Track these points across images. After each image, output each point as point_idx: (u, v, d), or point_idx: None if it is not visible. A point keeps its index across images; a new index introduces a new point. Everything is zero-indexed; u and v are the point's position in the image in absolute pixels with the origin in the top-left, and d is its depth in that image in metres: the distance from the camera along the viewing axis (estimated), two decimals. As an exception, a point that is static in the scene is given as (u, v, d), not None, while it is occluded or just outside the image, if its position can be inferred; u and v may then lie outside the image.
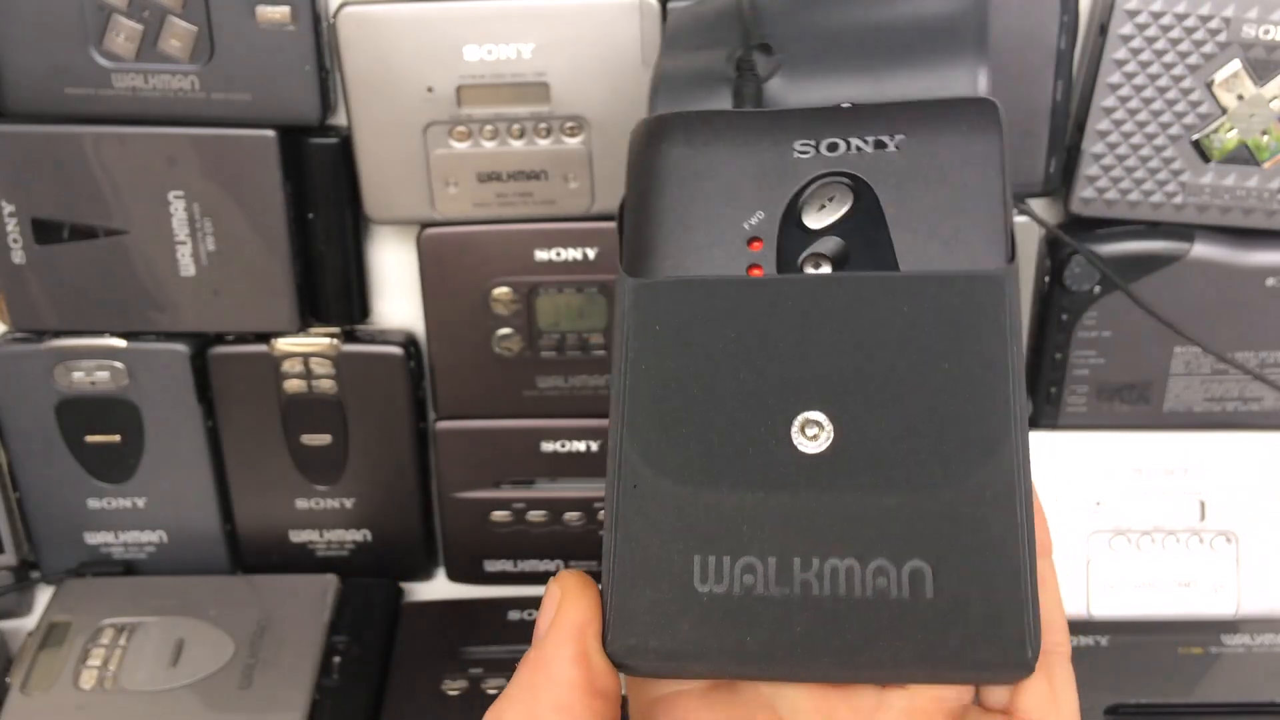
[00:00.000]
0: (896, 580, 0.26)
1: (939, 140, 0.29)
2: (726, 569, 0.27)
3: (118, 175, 0.55)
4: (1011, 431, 0.26)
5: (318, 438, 0.61)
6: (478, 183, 0.55)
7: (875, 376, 0.27)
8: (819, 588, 0.26)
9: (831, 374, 0.28)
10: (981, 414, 0.27)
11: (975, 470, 0.26)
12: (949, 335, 0.27)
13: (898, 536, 0.26)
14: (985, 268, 0.28)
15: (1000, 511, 0.26)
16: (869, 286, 0.28)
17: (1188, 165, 0.54)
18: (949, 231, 0.28)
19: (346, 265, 0.58)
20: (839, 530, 0.26)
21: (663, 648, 0.27)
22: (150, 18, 0.51)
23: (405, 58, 0.52)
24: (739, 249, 0.29)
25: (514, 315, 0.57)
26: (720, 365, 0.28)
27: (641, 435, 0.28)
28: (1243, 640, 0.59)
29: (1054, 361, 0.58)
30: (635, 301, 0.29)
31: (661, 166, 0.31)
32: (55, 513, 0.62)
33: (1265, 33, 0.51)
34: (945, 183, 0.29)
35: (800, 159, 0.30)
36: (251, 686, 0.56)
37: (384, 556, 0.64)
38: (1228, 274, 0.55)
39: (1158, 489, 0.60)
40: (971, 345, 0.27)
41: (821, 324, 0.28)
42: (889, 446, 0.27)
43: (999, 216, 0.28)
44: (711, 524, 0.27)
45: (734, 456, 0.28)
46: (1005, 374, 0.27)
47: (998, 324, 0.27)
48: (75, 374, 0.59)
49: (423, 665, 0.59)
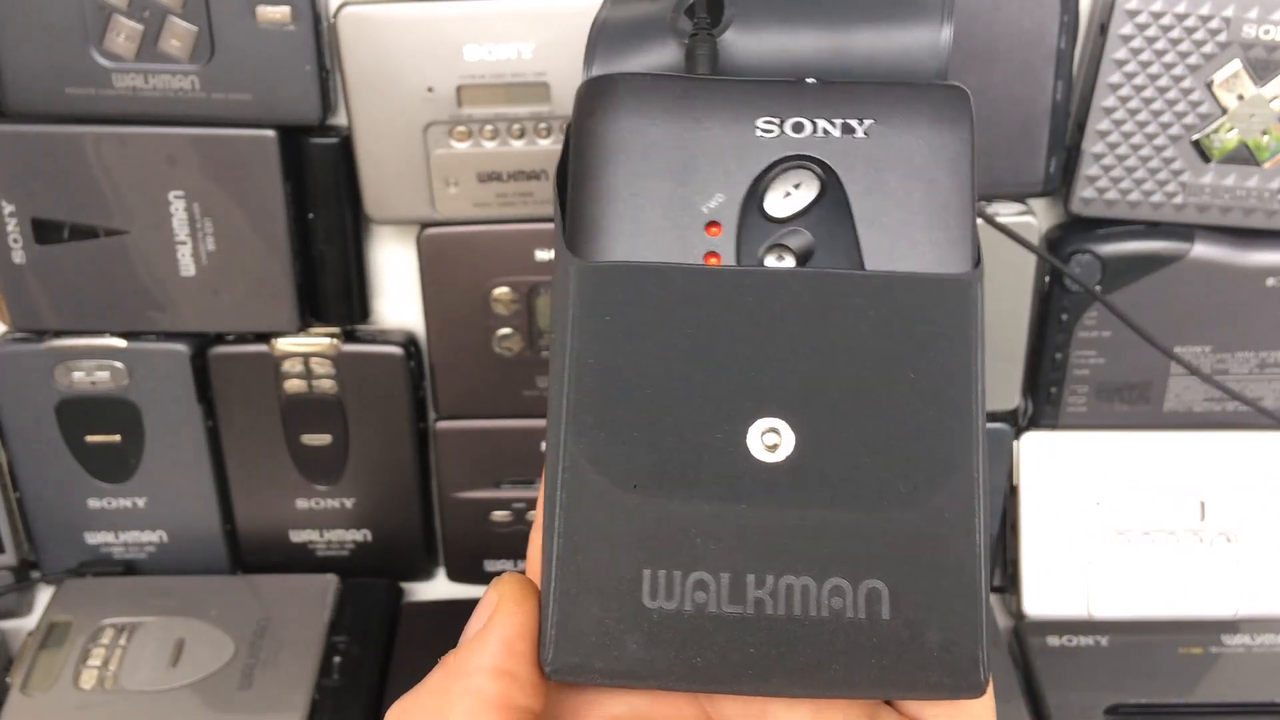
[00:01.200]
0: (853, 600, 0.25)
1: (910, 130, 0.27)
2: (678, 584, 0.25)
3: (118, 175, 0.55)
4: (973, 449, 0.25)
5: (318, 438, 0.61)
6: (478, 183, 0.55)
7: (838, 382, 0.26)
8: (773, 606, 0.25)
9: (792, 377, 0.26)
10: (944, 429, 0.26)
11: (936, 489, 0.25)
12: (915, 341, 0.26)
13: (855, 555, 0.25)
14: (953, 270, 0.26)
15: (959, 532, 0.25)
16: (834, 284, 0.26)
17: (1188, 165, 0.54)
18: (917, 230, 0.27)
19: (346, 265, 0.58)
20: (796, 547, 0.25)
21: (608, 667, 0.25)
22: (150, 18, 0.51)
23: (405, 58, 0.52)
24: (696, 234, 0.27)
25: (514, 315, 0.57)
26: (674, 362, 0.26)
27: (587, 436, 0.26)
28: (1243, 640, 0.59)
29: (1054, 361, 0.58)
30: (581, 286, 0.27)
31: (611, 136, 0.28)
32: (55, 513, 0.62)
33: (1265, 33, 0.51)
34: (915, 177, 0.27)
35: (764, 138, 0.28)
36: (251, 686, 0.56)
37: (384, 556, 0.64)
38: (1228, 274, 0.56)
39: (1158, 489, 0.60)
40: (937, 353, 0.26)
41: (784, 322, 0.26)
42: (849, 459, 0.25)
43: (967, 217, 0.27)
44: (662, 536, 0.25)
45: (687, 463, 0.26)
46: (970, 386, 0.26)
47: (964, 331, 0.26)
48: (75, 374, 0.59)
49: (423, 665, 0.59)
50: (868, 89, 0.28)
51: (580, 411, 0.26)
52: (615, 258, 0.27)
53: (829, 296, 0.26)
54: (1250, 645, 0.58)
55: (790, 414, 0.26)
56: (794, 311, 0.26)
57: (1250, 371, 0.58)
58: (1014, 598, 0.61)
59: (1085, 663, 0.57)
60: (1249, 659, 0.58)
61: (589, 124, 0.28)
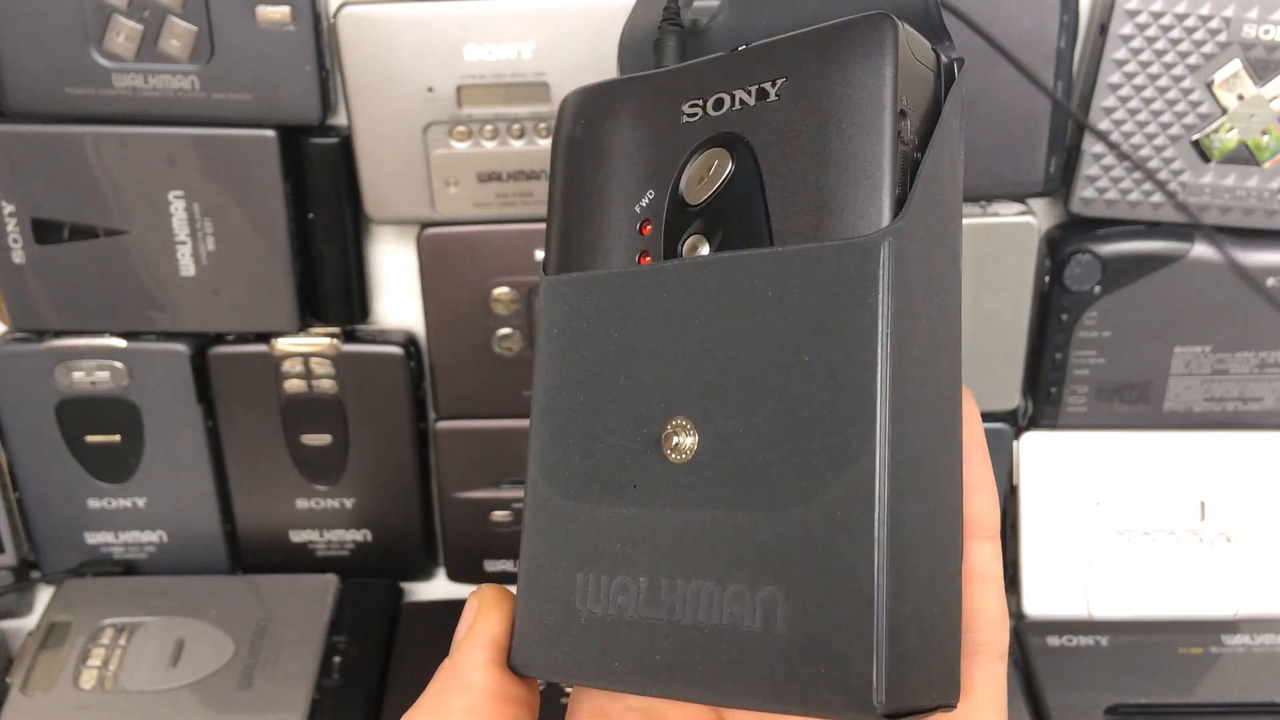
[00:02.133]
0: (751, 608, 0.23)
1: (821, 78, 0.24)
2: (604, 588, 0.25)
3: (118, 175, 0.55)
4: (873, 438, 0.22)
5: (318, 438, 0.61)
6: (478, 183, 0.55)
7: (739, 374, 0.24)
8: (682, 612, 0.24)
9: (699, 373, 0.25)
10: (839, 417, 0.23)
11: (827, 485, 0.23)
12: (813, 320, 0.23)
13: (753, 560, 0.23)
14: (863, 231, 0.23)
15: (851, 534, 0.22)
16: (735, 268, 0.24)
17: (1188, 165, 0.54)
18: (827, 193, 0.24)
19: (346, 265, 0.58)
20: (701, 551, 0.24)
21: (550, 664, 0.26)
22: (150, 18, 0.51)
23: (405, 58, 0.52)
24: (633, 236, 0.27)
25: (514, 315, 0.57)
26: (605, 369, 0.26)
27: (539, 448, 0.27)
28: (1243, 640, 0.59)
29: (1054, 361, 0.58)
30: (541, 301, 0.27)
31: (561, 151, 0.28)
32: (55, 513, 0.62)
33: (1265, 33, 0.51)
34: (824, 130, 0.24)
35: (688, 124, 0.26)
36: (251, 686, 0.56)
37: (384, 556, 0.64)
38: (1228, 274, 0.55)
39: (1158, 489, 0.60)
40: (835, 331, 0.23)
41: (693, 316, 0.25)
42: (747, 456, 0.24)
43: (880, 164, 0.23)
44: (590, 541, 0.26)
45: (611, 469, 0.26)
46: (870, 364, 0.22)
47: (864, 302, 0.23)
48: (75, 374, 0.59)
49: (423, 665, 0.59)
50: (785, 43, 0.25)
51: (536, 424, 0.27)
52: (571, 270, 0.27)
53: (731, 283, 0.25)
54: (1250, 645, 0.58)
55: (696, 411, 0.25)
56: (701, 303, 0.25)
57: (1250, 371, 0.58)
58: (1014, 598, 0.61)
59: (1085, 663, 0.57)
60: (1249, 659, 0.58)
61: (553, 143, 0.29)
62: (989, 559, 0.26)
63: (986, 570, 0.26)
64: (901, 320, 0.23)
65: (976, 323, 0.56)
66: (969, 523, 0.25)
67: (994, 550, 0.26)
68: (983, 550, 0.25)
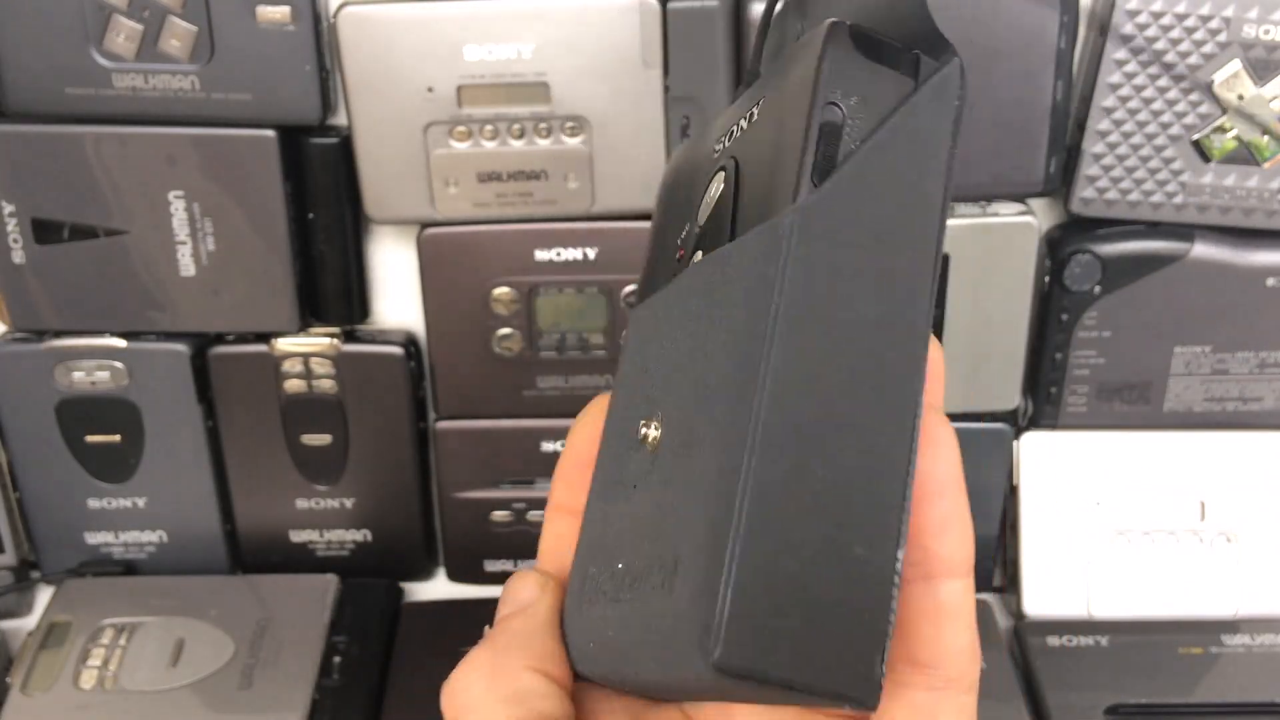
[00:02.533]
0: (659, 578, 0.23)
1: (777, 86, 0.25)
2: (594, 579, 0.26)
3: (118, 175, 0.55)
4: (748, 411, 0.22)
5: (318, 438, 0.61)
6: (478, 183, 0.55)
7: (686, 370, 0.25)
8: (628, 593, 0.24)
9: (669, 372, 0.26)
10: (726, 394, 0.23)
11: (708, 460, 0.23)
12: (721, 311, 0.24)
13: (662, 532, 0.24)
14: (777, 218, 0.23)
15: (714, 492, 0.22)
16: (695, 271, 0.26)
17: (1188, 165, 0.54)
18: (765, 190, 0.24)
19: (346, 265, 0.58)
20: (637, 530, 0.25)
21: (574, 658, 0.27)
22: (150, 18, 0.51)
23: (405, 58, 0.52)
24: (673, 263, 0.29)
25: (514, 315, 0.57)
26: (628, 381, 0.29)
27: (599, 455, 0.29)
28: (1243, 640, 0.59)
29: (1054, 361, 0.58)
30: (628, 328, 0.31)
31: (657, 201, 0.33)
32: (55, 513, 0.62)
33: (1265, 33, 0.51)
34: (771, 131, 0.25)
35: (714, 155, 0.28)
36: (251, 686, 0.56)
37: (384, 556, 0.64)
38: (1228, 274, 0.56)
39: (1158, 489, 0.60)
40: (731, 319, 0.23)
41: (671, 323, 0.27)
42: (676, 440, 0.24)
43: (799, 154, 0.23)
44: (591, 535, 0.28)
45: (612, 466, 0.28)
46: (756, 342, 0.22)
47: (753, 286, 0.22)
48: (75, 374, 0.59)
49: (423, 665, 0.59)
50: (770, 70, 0.27)
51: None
52: (644, 299, 0.30)
53: (691, 284, 0.26)
54: (1250, 645, 0.58)
55: (661, 409, 0.26)
56: (676, 310, 0.27)
57: (1250, 371, 0.58)
58: (1014, 598, 0.61)
59: (1085, 663, 0.57)
60: (1249, 659, 0.58)
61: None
62: (960, 594, 0.25)
63: (957, 605, 0.25)
64: (801, 303, 0.22)
65: (976, 323, 0.56)
66: (939, 560, 0.25)
67: (965, 586, 0.26)
68: (953, 587, 0.25)
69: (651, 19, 0.51)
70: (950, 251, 0.55)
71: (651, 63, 0.52)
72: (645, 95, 0.53)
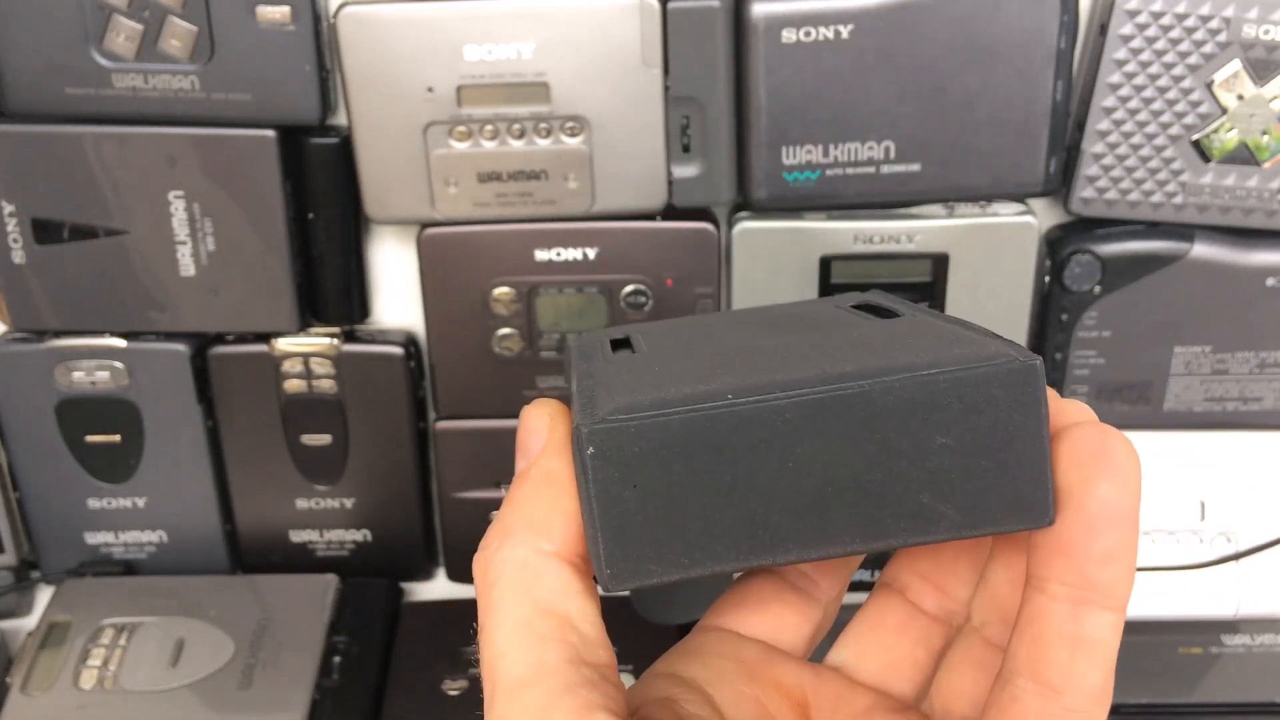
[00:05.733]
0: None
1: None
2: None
3: (118, 175, 0.55)
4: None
5: (318, 438, 0.61)
6: (478, 183, 0.55)
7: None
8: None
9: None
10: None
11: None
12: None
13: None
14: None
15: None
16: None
17: (1188, 165, 0.54)
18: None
19: (346, 265, 0.58)
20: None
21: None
22: (150, 18, 0.51)
23: (405, 58, 0.52)
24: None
25: (514, 315, 0.57)
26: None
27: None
28: (1243, 640, 0.59)
29: (1054, 361, 0.58)
30: None
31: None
32: (55, 513, 0.62)
33: (1265, 33, 0.51)
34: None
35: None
36: (251, 686, 0.56)
37: (384, 556, 0.64)
38: (1228, 274, 0.56)
39: (1158, 489, 0.60)
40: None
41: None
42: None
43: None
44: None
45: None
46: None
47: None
48: (75, 374, 0.59)
49: (423, 665, 0.59)
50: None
51: None
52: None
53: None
54: (1250, 645, 0.58)
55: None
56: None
57: (1250, 371, 0.58)
58: (1014, 598, 0.61)
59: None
60: (1249, 659, 0.58)
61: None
62: (1106, 629, 0.25)
63: (1100, 640, 0.25)
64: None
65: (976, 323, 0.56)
66: (1095, 588, 0.24)
67: (1114, 623, 0.25)
68: (1101, 620, 0.25)
69: (651, 19, 0.51)
70: (950, 251, 0.55)
71: (651, 63, 0.52)
72: (645, 95, 0.53)
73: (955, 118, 0.52)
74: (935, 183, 0.54)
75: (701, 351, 0.27)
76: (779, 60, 0.51)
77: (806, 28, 0.51)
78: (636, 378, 0.25)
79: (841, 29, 0.51)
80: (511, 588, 0.25)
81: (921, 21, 0.51)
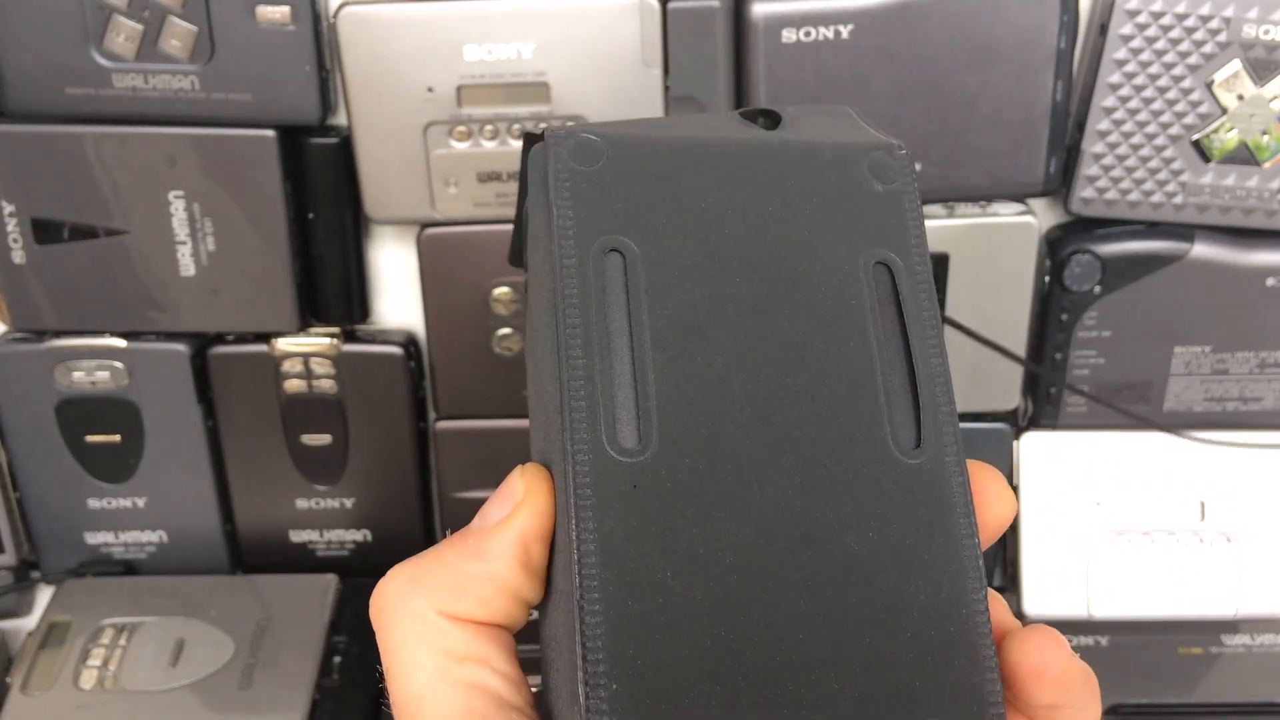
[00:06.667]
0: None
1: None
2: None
3: (118, 175, 0.55)
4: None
5: (318, 438, 0.61)
6: (478, 183, 0.55)
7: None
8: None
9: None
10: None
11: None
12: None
13: None
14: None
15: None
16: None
17: (1188, 165, 0.54)
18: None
19: (346, 265, 0.58)
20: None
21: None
22: (150, 18, 0.51)
23: (405, 58, 0.52)
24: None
25: (514, 315, 0.57)
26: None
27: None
28: (1243, 640, 0.59)
29: (1054, 361, 0.58)
30: None
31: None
32: (55, 513, 0.62)
33: (1265, 33, 0.51)
34: None
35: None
36: (251, 686, 0.56)
37: (384, 556, 0.64)
38: (1228, 274, 0.56)
39: (1158, 489, 0.60)
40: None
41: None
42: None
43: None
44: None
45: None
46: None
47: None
48: (75, 374, 0.59)
49: (423, 665, 0.59)
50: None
51: None
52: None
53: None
54: (1250, 645, 0.58)
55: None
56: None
57: (1250, 371, 0.58)
58: (1014, 598, 0.61)
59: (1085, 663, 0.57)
60: (1249, 659, 0.58)
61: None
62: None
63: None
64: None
65: (976, 323, 0.56)
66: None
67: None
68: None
69: (651, 19, 0.51)
70: (950, 251, 0.55)
71: (651, 63, 0.52)
72: (645, 95, 0.53)
73: (955, 117, 0.52)
74: (935, 182, 0.54)
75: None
76: (779, 60, 0.52)
77: (806, 28, 0.51)
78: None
79: (841, 29, 0.51)
80: (416, 633, 0.25)
81: (921, 21, 0.51)
